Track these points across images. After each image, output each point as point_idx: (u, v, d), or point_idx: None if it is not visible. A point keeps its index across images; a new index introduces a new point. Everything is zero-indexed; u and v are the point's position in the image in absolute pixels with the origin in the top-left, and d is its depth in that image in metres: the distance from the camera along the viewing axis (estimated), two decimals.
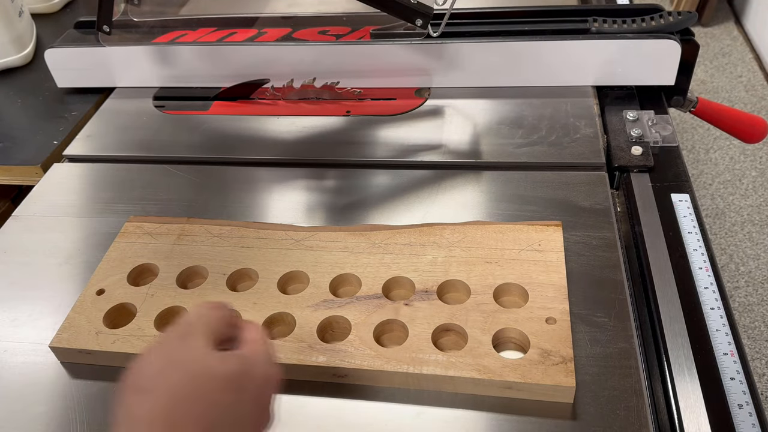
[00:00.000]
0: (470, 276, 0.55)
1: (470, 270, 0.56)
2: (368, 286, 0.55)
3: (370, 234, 0.60)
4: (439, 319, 0.52)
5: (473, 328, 0.51)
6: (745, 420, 0.47)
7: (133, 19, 0.89)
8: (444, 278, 0.55)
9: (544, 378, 0.47)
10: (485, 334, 0.50)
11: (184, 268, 0.58)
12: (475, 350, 0.49)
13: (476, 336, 0.50)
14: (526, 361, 0.48)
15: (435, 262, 0.57)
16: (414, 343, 0.50)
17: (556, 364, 0.47)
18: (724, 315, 0.54)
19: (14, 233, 0.68)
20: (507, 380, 0.47)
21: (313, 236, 0.61)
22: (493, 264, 0.56)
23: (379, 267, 0.57)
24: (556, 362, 0.48)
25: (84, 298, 0.57)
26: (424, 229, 0.60)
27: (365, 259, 0.58)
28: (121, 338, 0.53)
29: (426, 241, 0.59)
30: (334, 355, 0.50)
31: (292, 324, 0.53)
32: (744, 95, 2.12)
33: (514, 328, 0.50)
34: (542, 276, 0.54)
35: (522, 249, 0.57)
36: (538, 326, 0.50)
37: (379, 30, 0.83)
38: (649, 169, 0.69)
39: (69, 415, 0.51)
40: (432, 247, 0.58)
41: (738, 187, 1.82)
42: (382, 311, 0.53)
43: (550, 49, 0.78)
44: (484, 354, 0.49)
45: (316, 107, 0.82)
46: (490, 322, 0.51)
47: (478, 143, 0.74)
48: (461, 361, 0.48)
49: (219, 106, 0.84)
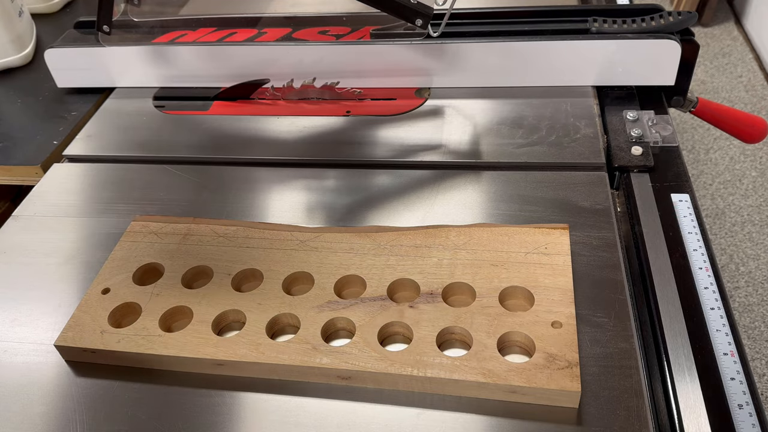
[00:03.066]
0: (476, 279, 0.55)
1: (476, 272, 0.55)
2: (373, 287, 0.55)
3: (376, 235, 0.60)
4: (443, 322, 0.51)
5: (478, 331, 0.50)
6: (745, 420, 0.47)
7: (133, 19, 0.89)
8: (449, 281, 0.55)
9: (549, 382, 0.46)
10: (490, 338, 0.50)
11: (189, 268, 0.59)
12: (480, 354, 0.49)
13: (481, 339, 0.50)
14: (531, 365, 0.48)
15: (440, 264, 0.56)
16: (418, 346, 0.50)
17: (562, 369, 0.47)
18: (724, 315, 0.54)
19: (14, 233, 0.68)
20: (512, 384, 0.47)
21: (319, 237, 0.61)
22: (499, 267, 0.56)
23: (384, 269, 0.57)
24: (561, 366, 0.47)
25: (89, 297, 0.57)
26: (429, 231, 0.60)
27: (370, 261, 0.57)
28: (125, 338, 0.53)
29: (431, 243, 0.59)
30: (338, 357, 0.50)
31: (296, 325, 0.53)
32: (744, 95, 2.12)
33: (519, 332, 0.50)
34: (548, 279, 0.54)
35: (528, 252, 0.57)
36: (544, 330, 0.50)
37: (379, 30, 0.83)
38: (649, 169, 0.69)
39: (69, 415, 0.51)
40: (437, 249, 0.58)
41: (738, 187, 1.82)
42: (387, 313, 0.53)
43: (550, 49, 0.78)
44: (489, 357, 0.49)
45: (316, 107, 0.82)
46: (495, 325, 0.51)
47: (478, 143, 0.74)
48: (466, 365, 0.48)
49: (219, 106, 0.84)
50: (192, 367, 0.52)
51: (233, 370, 0.52)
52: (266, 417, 0.49)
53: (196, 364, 0.52)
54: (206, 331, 0.53)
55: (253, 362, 0.50)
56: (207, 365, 0.52)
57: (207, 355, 0.51)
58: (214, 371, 0.52)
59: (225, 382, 0.52)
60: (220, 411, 0.50)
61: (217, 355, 0.51)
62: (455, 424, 0.47)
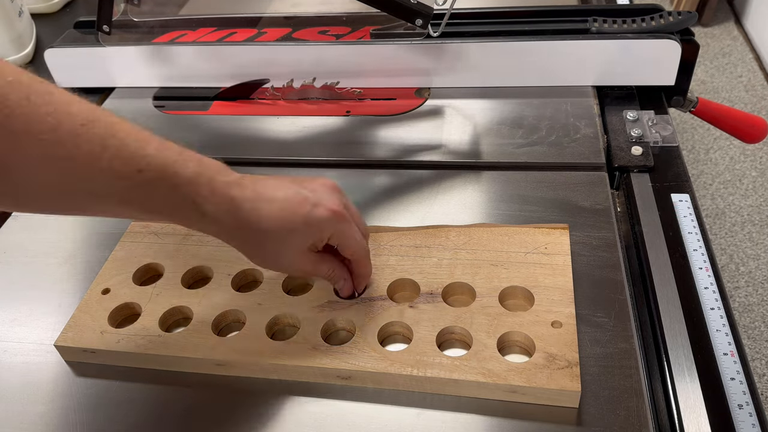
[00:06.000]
0: (475, 279, 0.55)
1: (476, 272, 0.55)
2: (373, 287, 0.55)
3: (375, 235, 0.60)
4: (443, 322, 0.51)
5: (478, 331, 0.50)
6: (745, 420, 0.47)
7: (133, 19, 0.89)
8: (449, 280, 0.55)
9: (549, 382, 0.46)
10: (490, 338, 0.50)
11: (189, 268, 0.59)
12: (480, 353, 0.49)
13: (481, 339, 0.50)
14: (530, 365, 0.48)
15: (440, 264, 0.56)
16: (418, 346, 0.50)
17: (562, 368, 0.47)
18: (724, 315, 0.54)
19: (14, 233, 0.68)
20: (512, 384, 0.47)
21: None
22: (498, 267, 0.56)
23: (384, 269, 0.57)
24: (561, 366, 0.47)
25: (89, 297, 0.57)
26: (429, 231, 0.60)
27: None
28: (125, 338, 0.53)
29: (431, 243, 0.59)
30: (339, 357, 0.50)
31: (296, 325, 0.53)
32: (744, 95, 2.12)
33: (519, 332, 0.50)
34: (548, 279, 0.54)
35: (528, 252, 0.57)
36: (544, 330, 0.50)
37: (379, 30, 0.83)
38: (649, 169, 0.68)
39: (69, 415, 0.51)
40: (437, 249, 0.58)
41: (738, 187, 1.82)
42: (387, 313, 0.53)
43: (550, 49, 0.78)
44: (489, 357, 0.49)
45: (316, 107, 0.82)
46: (495, 325, 0.51)
47: (478, 143, 0.74)
48: (466, 365, 0.48)
49: (219, 106, 0.84)
50: (192, 367, 0.52)
51: (233, 370, 0.52)
52: (266, 417, 0.49)
53: (196, 364, 0.52)
54: (206, 332, 0.53)
55: (254, 362, 0.50)
56: (207, 365, 0.52)
57: (207, 356, 0.51)
58: (215, 371, 0.52)
59: (224, 384, 0.52)
60: (219, 411, 0.50)
61: (217, 356, 0.51)
62: (455, 424, 0.47)
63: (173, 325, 0.55)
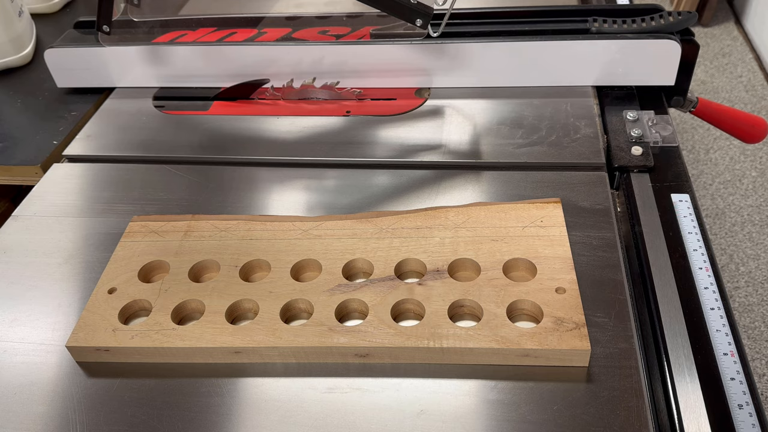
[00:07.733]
0: (479, 254, 0.57)
1: (478, 248, 0.57)
2: (380, 269, 0.56)
3: (377, 220, 0.61)
4: (453, 296, 0.53)
5: (487, 302, 0.52)
6: (745, 420, 0.47)
7: (133, 19, 0.89)
8: (453, 257, 0.57)
9: (560, 343, 0.49)
10: (499, 307, 0.52)
11: (195, 263, 0.59)
12: (492, 322, 0.51)
13: (491, 309, 0.52)
14: (541, 329, 0.50)
15: (443, 243, 0.58)
16: (432, 320, 0.52)
17: (570, 330, 0.50)
18: (724, 315, 0.54)
19: (14, 233, 0.68)
20: (525, 348, 0.49)
21: (320, 225, 0.61)
22: (499, 241, 0.58)
23: (389, 251, 0.58)
24: (570, 328, 0.50)
25: (96, 297, 0.57)
26: (429, 213, 0.62)
27: (374, 244, 0.59)
28: (139, 333, 0.53)
29: (432, 224, 0.60)
30: (355, 336, 0.51)
31: (309, 310, 0.54)
32: (744, 95, 2.12)
33: (526, 300, 0.52)
34: (548, 250, 0.56)
35: (525, 226, 0.59)
36: (549, 296, 0.52)
37: (379, 30, 0.83)
38: (649, 169, 0.69)
39: (69, 415, 0.51)
40: (438, 229, 0.60)
41: (738, 187, 1.82)
42: (397, 292, 0.54)
43: (550, 49, 0.78)
44: (501, 325, 0.51)
45: (316, 107, 0.82)
46: (502, 295, 0.53)
47: (478, 143, 0.74)
48: (479, 334, 0.50)
49: (219, 106, 0.84)
50: (208, 357, 0.53)
51: (251, 357, 0.52)
52: (266, 417, 0.49)
53: (212, 354, 0.52)
54: (221, 322, 0.53)
55: (272, 347, 0.51)
56: (224, 354, 0.52)
57: (225, 344, 0.51)
58: (231, 360, 0.53)
59: (225, 383, 0.52)
60: (220, 411, 0.50)
61: (235, 343, 0.51)
62: (455, 424, 0.47)
63: (185, 319, 0.56)
